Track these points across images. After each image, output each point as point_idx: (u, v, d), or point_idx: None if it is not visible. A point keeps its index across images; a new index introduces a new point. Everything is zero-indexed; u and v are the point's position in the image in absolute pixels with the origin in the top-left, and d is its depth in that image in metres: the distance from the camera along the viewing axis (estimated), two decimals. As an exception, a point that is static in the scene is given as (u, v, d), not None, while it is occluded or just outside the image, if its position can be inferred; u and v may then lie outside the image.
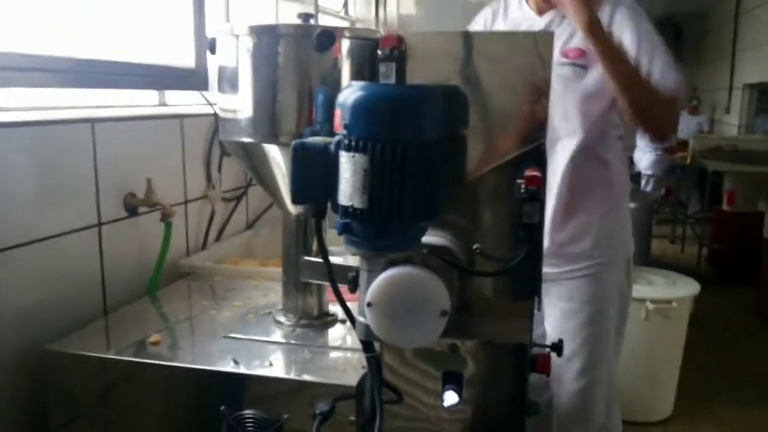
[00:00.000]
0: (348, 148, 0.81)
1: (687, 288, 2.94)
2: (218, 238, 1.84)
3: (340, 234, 0.86)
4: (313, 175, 0.87)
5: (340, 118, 0.83)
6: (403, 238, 0.86)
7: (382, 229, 0.84)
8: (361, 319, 0.93)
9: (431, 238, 0.99)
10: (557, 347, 1.19)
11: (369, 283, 0.89)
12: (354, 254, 0.88)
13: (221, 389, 1.09)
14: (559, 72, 1.62)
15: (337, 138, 0.84)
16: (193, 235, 1.72)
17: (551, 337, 1.80)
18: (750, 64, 6.12)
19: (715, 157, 4.96)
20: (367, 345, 1.00)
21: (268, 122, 1.07)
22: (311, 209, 0.91)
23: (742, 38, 6.50)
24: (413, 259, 0.90)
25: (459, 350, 0.99)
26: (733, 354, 3.88)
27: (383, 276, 0.87)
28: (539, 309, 1.07)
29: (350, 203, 0.83)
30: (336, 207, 0.86)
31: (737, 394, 3.37)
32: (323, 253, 0.95)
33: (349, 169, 0.82)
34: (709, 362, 3.75)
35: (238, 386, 1.08)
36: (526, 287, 1.01)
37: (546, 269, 1.72)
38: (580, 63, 1.64)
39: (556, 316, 1.79)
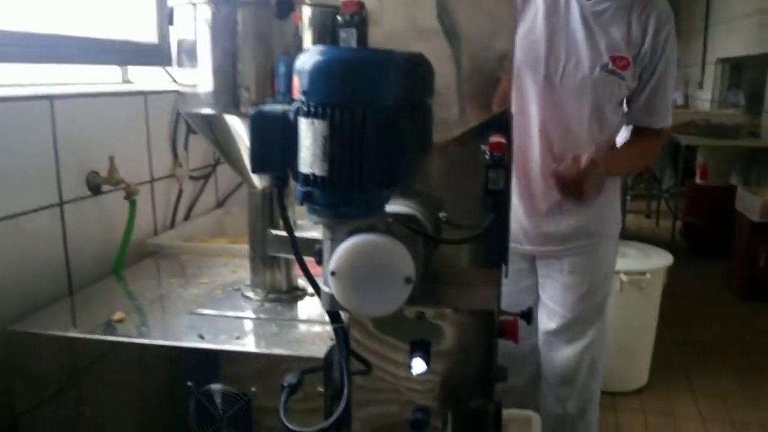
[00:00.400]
0: (307, 115, 0.80)
1: (660, 259, 2.98)
2: (187, 217, 1.82)
3: (301, 203, 0.85)
4: (273, 143, 0.85)
5: (298, 84, 0.81)
6: (365, 205, 0.85)
7: (343, 197, 0.83)
8: (325, 288, 0.92)
9: (397, 207, 0.99)
10: (526, 315, 1.20)
11: (332, 252, 0.88)
12: (316, 223, 0.87)
13: (188, 365, 1.07)
14: (599, 75, 1.60)
15: (295, 104, 0.82)
16: (161, 214, 1.70)
17: (550, 308, 1.83)
18: (722, 39, 6.16)
19: (689, 131, 5.01)
20: (333, 315, 0.99)
21: (228, 93, 1.05)
22: (272, 179, 0.89)
23: (714, 13, 6.53)
24: (377, 227, 0.89)
25: (426, 318, 0.98)
26: (707, 325, 3.95)
27: (346, 244, 0.86)
28: (506, 276, 1.06)
29: (311, 171, 0.81)
30: (297, 175, 0.84)
31: (710, 364, 3.44)
32: (285, 222, 0.93)
33: (308, 136, 0.80)
34: (683, 333, 3.81)
35: (205, 361, 1.07)
36: (494, 255, 1.00)
37: (549, 247, 1.77)
38: (622, 74, 1.61)
39: (556, 289, 1.82)
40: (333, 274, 0.87)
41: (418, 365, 0.97)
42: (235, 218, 1.87)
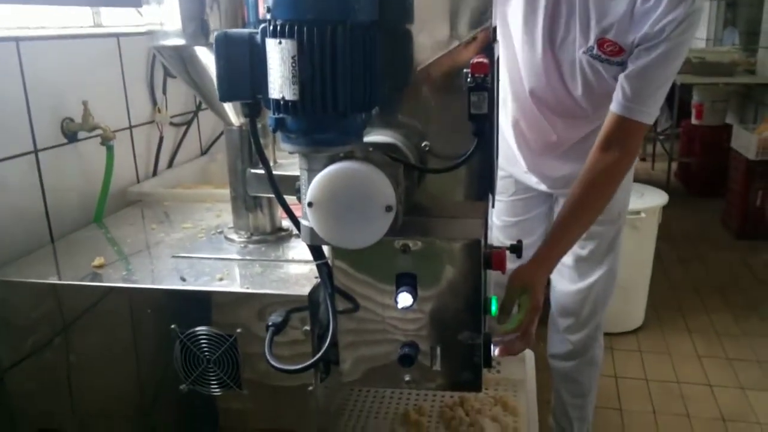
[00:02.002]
0: (273, 34, 0.75)
1: (655, 198, 2.96)
2: (170, 164, 1.78)
3: (274, 131, 0.81)
4: (240, 67, 0.81)
5: (262, 2, 0.77)
6: (341, 131, 0.81)
7: (317, 123, 0.79)
8: (305, 222, 0.89)
9: (377, 137, 0.95)
10: (516, 248, 1.17)
11: (309, 182, 0.84)
12: (291, 152, 0.83)
13: (172, 308, 1.05)
14: (585, 59, 1.41)
15: (261, 24, 0.78)
16: (142, 162, 1.65)
17: None
18: (718, -25, 6.02)
19: (684, 70, 4.92)
20: (316, 252, 0.97)
21: (195, 21, 1.00)
22: (242, 108, 0.85)
23: (709, -52, 6.37)
24: (355, 155, 0.85)
25: (411, 251, 0.95)
26: (702, 264, 3.96)
27: (323, 173, 0.82)
28: (493, 206, 1.03)
29: (281, 95, 0.77)
30: (268, 102, 0.80)
31: (706, 303, 3.45)
32: (259, 154, 0.90)
33: (276, 58, 0.76)
34: (679, 273, 3.82)
35: (188, 304, 1.04)
36: (480, 184, 0.97)
37: (560, 190, 1.72)
38: (612, 60, 1.39)
39: None
40: (310, 205, 0.84)
41: (404, 299, 0.95)
42: (220, 165, 1.82)
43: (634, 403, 2.60)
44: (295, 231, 1.25)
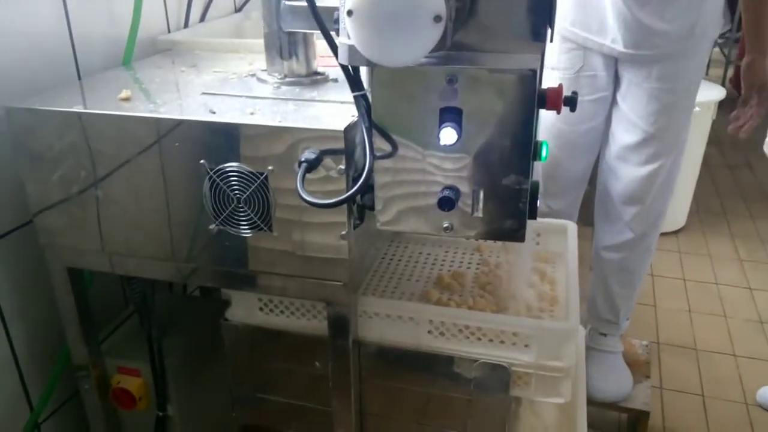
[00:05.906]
0: None
1: (711, 93, 2.79)
2: (202, 18, 1.69)
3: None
4: None
5: None
6: None
7: None
8: (343, 40, 0.81)
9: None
10: (571, 100, 1.08)
11: (350, -10, 0.76)
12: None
13: (200, 142, 0.99)
14: None
15: None
16: (173, 13, 1.56)
17: (630, 120, 1.70)
18: None
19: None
20: (354, 81, 0.89)
21: None
22: None
23: None
24: (401, -40, 0.76)
25: (458, 82, 0.87)
26: (750, 171, 3.80)
27: (365, -26, 0.74)
28: (551, 40, 0.94)
29: None
30: None
31: (752, 209, 3.33)
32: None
33: None
34: (726, 178, 3.68)
35: (217, 137, 0.99)
36: (538, 15, 0.87)
37: (644, 51, 1.59)
38: None
39: (640, 99, 1.66)
40: (350, 13, 0.75)
41: (448, 135, 0.88)
42: (255, 24, 1.73)
43: (670, 302, 2.55)
44: (332, 76, 1.18)
